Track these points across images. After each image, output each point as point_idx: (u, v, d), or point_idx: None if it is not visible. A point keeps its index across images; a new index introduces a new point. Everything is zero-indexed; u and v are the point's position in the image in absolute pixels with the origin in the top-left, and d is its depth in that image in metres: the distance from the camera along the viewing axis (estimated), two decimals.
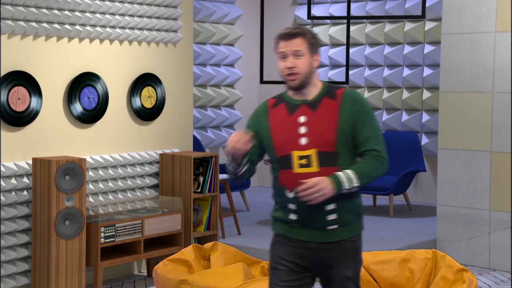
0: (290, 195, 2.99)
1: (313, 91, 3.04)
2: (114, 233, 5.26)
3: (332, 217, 2.98)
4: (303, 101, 3.03)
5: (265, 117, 3.07)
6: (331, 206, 2.96)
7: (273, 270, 3.06)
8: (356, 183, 2.93)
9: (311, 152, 2.95)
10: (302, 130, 2.99)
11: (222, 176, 6.90)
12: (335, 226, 3.00)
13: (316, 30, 9.31)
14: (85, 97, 5.49)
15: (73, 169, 5.03)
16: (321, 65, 9.32)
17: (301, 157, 2.96)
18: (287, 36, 2.99)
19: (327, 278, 3.05)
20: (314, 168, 2.94)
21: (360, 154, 3.02)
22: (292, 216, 3.01)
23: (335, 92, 3.03)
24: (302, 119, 3.00)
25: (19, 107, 5.08)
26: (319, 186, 2.87)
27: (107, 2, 5.57)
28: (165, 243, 5.77)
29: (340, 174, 2.93)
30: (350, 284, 3.03)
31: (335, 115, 2.98)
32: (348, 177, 2.93)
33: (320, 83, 3.07)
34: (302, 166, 2.95)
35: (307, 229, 3.00)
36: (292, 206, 3.00)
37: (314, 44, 3.01)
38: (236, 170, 3.04)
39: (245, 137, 2.92)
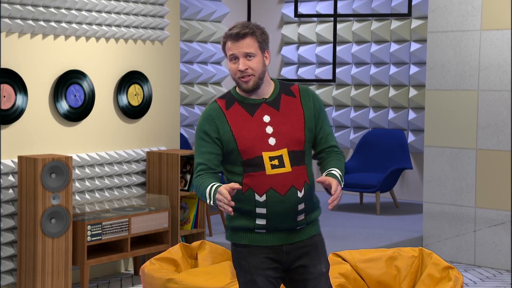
0: (261, 198, 2.83)
1: (269, 89, 2.91)
2: (100, 231, 5.24)
3: (301, 217, 2.89)
4: (262, 100, 2.89)
5: (221, 120, 2.87)
6: (301, 206, 2.87)
7: (249, 283, 2.89)
8: (343, 182, 2.89)
9: (282, 152, 2.84)
10: (269, 130, 2.86)
11: None
12: (303, 226, 2.92)
13: (303, 28, 9.32)
14: (71, 95, 5.47)
15: (59, 167, 5.01)
16: (308, 63, 9.33)
17: (272, 158, 2.83)
18: (236, 36, 2.82)
19: (300, 278, 2.92)
20: (287, 168, 2.84)
21: (321, 151, 2.97)
22: (261, 222, 2.86)
23: (290, 88, 2.94)
24: (266, 118, 2.87)
25: (4, 105, 5.05)
26: (339, 189, 2.77)
27: (93, 0, 5.54)
28: (152, 241, 5.76)
29: (337, 174, 2.86)
30: (324, 280, 2.93)
31: (300, 113, 2.90)
32: (341, 176, 2.88)
33: (271, 80, 2.96)
34: (274, 167, 2.83)
35: (275, 233, 2.88)
36: (261, 211, 2.84)
37: (264, 41, 2.86)
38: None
39: (231, 194, 2.72)
